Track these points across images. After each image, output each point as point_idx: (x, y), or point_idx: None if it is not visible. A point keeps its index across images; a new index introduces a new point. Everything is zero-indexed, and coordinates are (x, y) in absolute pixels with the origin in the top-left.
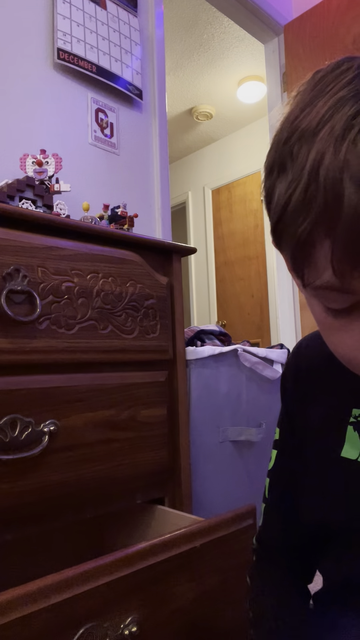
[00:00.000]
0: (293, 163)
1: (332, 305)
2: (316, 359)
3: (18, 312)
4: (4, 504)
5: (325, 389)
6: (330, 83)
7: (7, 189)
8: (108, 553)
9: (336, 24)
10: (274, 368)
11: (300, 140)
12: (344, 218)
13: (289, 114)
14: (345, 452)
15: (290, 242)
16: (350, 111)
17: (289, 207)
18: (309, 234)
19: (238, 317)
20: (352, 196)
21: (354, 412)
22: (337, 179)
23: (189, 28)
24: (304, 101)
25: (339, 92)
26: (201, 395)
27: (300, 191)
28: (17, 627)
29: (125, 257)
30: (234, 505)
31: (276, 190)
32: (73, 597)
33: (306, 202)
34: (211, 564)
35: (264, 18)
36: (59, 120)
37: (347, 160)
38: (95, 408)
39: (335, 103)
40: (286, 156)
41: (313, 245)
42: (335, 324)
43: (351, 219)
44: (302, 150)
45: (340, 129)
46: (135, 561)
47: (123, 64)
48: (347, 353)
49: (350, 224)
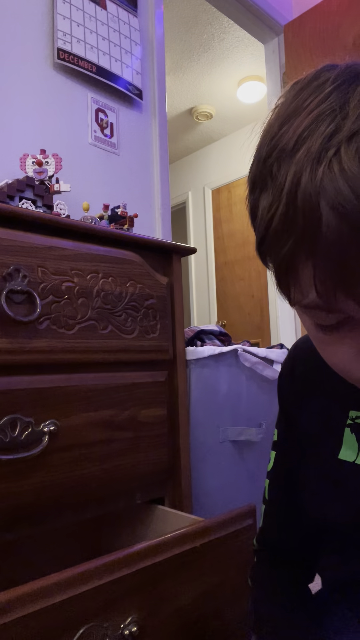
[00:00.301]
0: (273, 183)
1: (320, 322)
2: (312, 361)
3: (18, 312)
4: (4, 504)
5: (322, 391)
6: (307, 98)
7: (7, 189)
8: (108, 553)
9: (336, 24)
10: (274, 368)
11: (279, 160)
12: (322, 242)
13: (269, 129)
14: (342, 454)
15: (274, 263)
16: (327, 130)
17: (271, 228)
18: (292, 256)
19: (238, 317)
20: (330, 222)
21: (351, 414)
22: (314, 204)
23: (189, 28)
24: (282, 116)
25: (316, 109)
26: (201, 395)
27: (281, 214)
28: (18, 627)
29: (125, 257)
30: (234, 505)
31: (259, 208)
32: (73, 597)
33: (287, 225)
34: (211, 564)
35: (264, 18)
36: (59, 120)
37: (323, 185)
38: (95, 408)
39: (312, 121)
40: (266, 175)
41: (296, 267)
42: (326, 339)
43: (330, 244)
44: (281, 170)
45: (316, 150)
46: (135, 561)
47: (123, 64)
48: (341, 366)
49: (329, 248)
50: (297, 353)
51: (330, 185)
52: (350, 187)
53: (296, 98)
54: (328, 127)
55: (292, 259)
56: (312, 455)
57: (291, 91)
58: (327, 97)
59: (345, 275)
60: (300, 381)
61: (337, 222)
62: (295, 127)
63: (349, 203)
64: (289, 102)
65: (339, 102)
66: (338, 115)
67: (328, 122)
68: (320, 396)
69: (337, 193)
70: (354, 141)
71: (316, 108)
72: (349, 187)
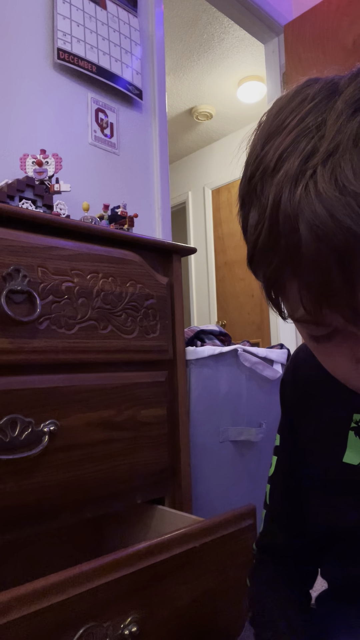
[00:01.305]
0: (258, 202)
1: (313, 333)
2: (314, 365)
3: (18, 312)
4: (4, 504)
5: (326, 395)
6: (288, 116)
7: (7, 189)
8: (108, 553)
9: (336, 24)
10: (274, 368)
11: (262, 180)
12: (304, 262)
13: (253, 147)
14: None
15: (263, 280)
16: (305, 151)
17: (257, 247)
18: (278, 274)
19: (238, 317)
20: (309, 243)
21: (355, 417)
22: (293, 226)
23: (189, 28)
24: (265, 135)
25: (295, 129)
26: (201, 395)
27: (266, 233)
28: (18, 627)
29: (125, 257)
30: (234, 505)
31: (248, 224)
32: (73, 597)
33: (271, 244)
34: (211, 564)
35: (264, 18)
36: (59, 120)
37: (301, 207)
38: (95, 408)
39: (291, 141)
40: (252, 193)
41: (284, 284)
42: (321, 348)
43: (311, 264)
44: (264, 190)
45: (294, 173)
46: (135, 561)
47: (123, 64)
48: (339, 375)
49: (310, 268)
50: (299, 358)
51: (308, 208)
52: (326, 209)
53: (278, 116)
54: (306, 148)
55: (279, 276)
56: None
57: (274, 108)
58: (306, 116)
59: (328, 292)
60: (302, 385)
61: (316, 243)
62: (275, 147)
63: (325, 225)
64: (271, 120)
65: (316, 121)
66: (315, 135)
67: (306, 143)
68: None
69: (314, 215)
70: (330, 162)
71: (295, 128)
72: (324, 209)
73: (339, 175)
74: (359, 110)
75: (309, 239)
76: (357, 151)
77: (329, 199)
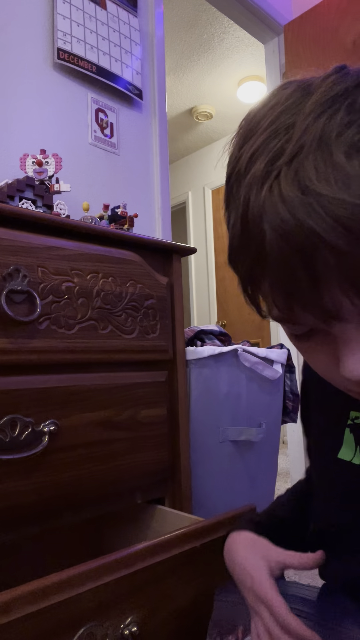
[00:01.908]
0: (234, 203)
1: (293, 332)
2: None
3: (18, 312)
4: (4, 504)
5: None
6: (262, 119)
7: (7, 189)
8: (108, 553)
9: (336, 24)
10: (274, 368)
11: (237, 181)
12: (271, 263)
13: (232, 149)
14: (341, 454)
15: (239, 279)
16: (272, 152)
17: (233, 246)
18: (252, 274)
19: (238, 317)
20: (272, 242)
21: (351, 415)
22: (259, 226)
23: (189, 28)
24: (242, 137)
25: (266, 131)
26: (201, 395)
27: (238, 234)
28: (18, 627)
29: (125, 257)
30: (234, 505)
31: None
32: (73, 597)
33: (243, 244)
34: (211, 564)
35: (264, 18)
36: (59, 120)
37: (265, 208)
38: (96, 408)
39: (261, 144)
40: (229, 194)
41: (258, 285)
42: (303, 347)
43: (277, 265)
44: (239, 191)
45: (260, 174)
46: (135, 561)
47: (123, 64)
48: (322, 372)
49: (276, 268)
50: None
51: (271, 209)
52: (288, 209)
53: (254, 118)
54: (273, 149)
55: (252, 276)
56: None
57: (252, 110)
58: (277, 118)
59: (296, 292)
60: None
61: (280, 244)
62: (248, 148)
63: (288, 225)
64: (247, 122)
65: (286, 123)
66: (283, 137)
67: (274, 144)
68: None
69: (277, 216)
70: (294, 163)
71: (266, 129)
72: (286, 210)
73: (301, 176)
74: (326, 112)
75: (273, 239)
76: (321, 152)
77: (291, 199)
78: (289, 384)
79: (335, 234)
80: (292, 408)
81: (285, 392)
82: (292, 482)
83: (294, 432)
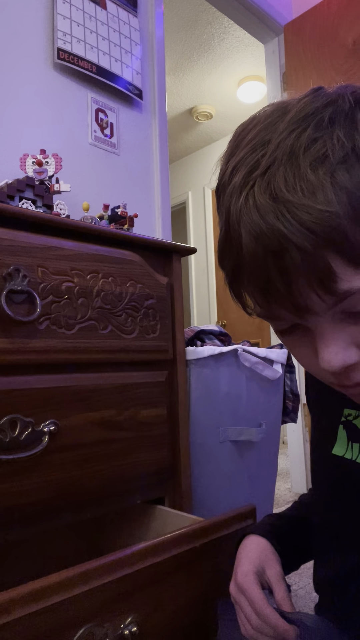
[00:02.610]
0: (220, 211)
1: (277, 327)
2: None
3: (18, 312)
4: (4, 504)
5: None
6: (246, 135)
7: (7, 189)
8: (108, 553)
9: (336, 24)
10: (274, 368)
11: (222, 192)
12: (247, 263)
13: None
14: (335, 450)
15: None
16: (250, 165)
17: (219, 250)
18: (234, 274)
19: (238, 317)
20: (248, 245)
21: (345, 412)
22: (237, 231)
23: (189, 28)
24: (229, 151)
25: (247, 146)
26: (201, 395)
27: (222, 239)
28: (18, 627)
29: (125, 257)
30: (234, 505)
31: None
32: (73, 597)
33: (226, 247)
34: (211, 564)
35: (264, 18)
36: (59, 120)
37: (242, 215)
38: (95, 408)
39: (242, 157)
40: (217, 203)
41: (240, 284)
42: (288, 341)
43: (252, 265)
44: (222, 200)
45: (239, 185)
46: (135, 561)
47: (123, 64)
48: (306, 366)
49: (252, 268)
50: None
51: (246, 215)
52: (260, 215)
53: (240, 134)
54: (250, 164)
55: (235, 275)
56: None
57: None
58: (257, 135)
59: (270, 290)
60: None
61: (254, 246)
62: (232, 162)
63: (259, 228)
64: (235, 137)
65: (263, 140)
66: (260, 152)
67: (252, 158)
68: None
69: (251, 221)
70: (267, 175)
71: (247, 145)
72: (259, 215)
73: (273, 186)
74: (296, 130)
75: (248, 242)
76: (290, 164)
77: (263, 206)
78: (289, 384)
79: (302, 236)
80: (292, 408)
81: (285, 392)
82: (292, 482)
83: (294, 432)
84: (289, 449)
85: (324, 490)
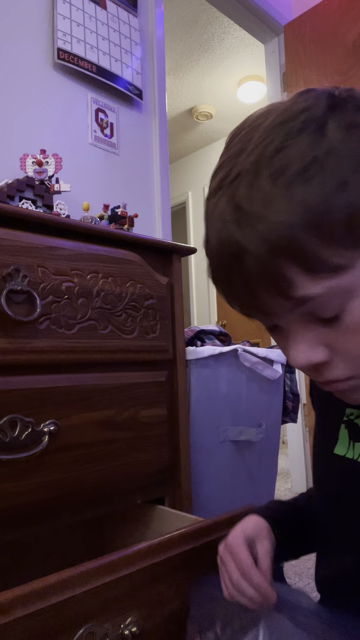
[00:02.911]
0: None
1: (263, 325)
2: None
3: (18, 312)
4: (4, 504)
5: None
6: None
7: (7, 189)
8: (108, 553)
9: (336, 24)
10: (274, 368)
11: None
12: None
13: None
14: (337, 449)
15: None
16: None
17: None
18: (211, 274)
19: (238, 317)
20: (213, 247)
21: (347, 411)
22: (208, 234)
23: (189, 28)
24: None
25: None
26: (201, 395)
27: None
28: (18, 627)
29: (125, 257)
30: (234, 505)
31: None
32: (73, 597)
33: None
34: (211, 564)
35: (264, 18)
36: (59, 120)
37: (210, 219)
38: (95, 408)
39: (220, 165)
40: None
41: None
42: (274, 338)
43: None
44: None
45: (213, 190)
46: (135, 561)
47: (123, 64)
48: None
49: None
50: None
51: (212, 221)
52: (223, 223)
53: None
54: (225, 170)
55: (211, 275)
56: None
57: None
58: (239, 141)
59: (234, 292)
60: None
61: (218, 250)
62: (217, 165)
63: (222, 235)
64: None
65: (239, 148)
66: (235, 160)
67: (226, 166)
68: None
69: (216, 227)
70: (234, 184)
71: (228, 151)
72: (222, 223)
73: (236, 195)
74: (266, 139)
75: (214, 246)
76: (254, 175)
77: (225, 215)
78: (289, 384)
79: (257, 244)
80: (292, 408)
81: (285, 392)
82: (292, 482)
83: (294, 432)
84: (289, 449)
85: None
